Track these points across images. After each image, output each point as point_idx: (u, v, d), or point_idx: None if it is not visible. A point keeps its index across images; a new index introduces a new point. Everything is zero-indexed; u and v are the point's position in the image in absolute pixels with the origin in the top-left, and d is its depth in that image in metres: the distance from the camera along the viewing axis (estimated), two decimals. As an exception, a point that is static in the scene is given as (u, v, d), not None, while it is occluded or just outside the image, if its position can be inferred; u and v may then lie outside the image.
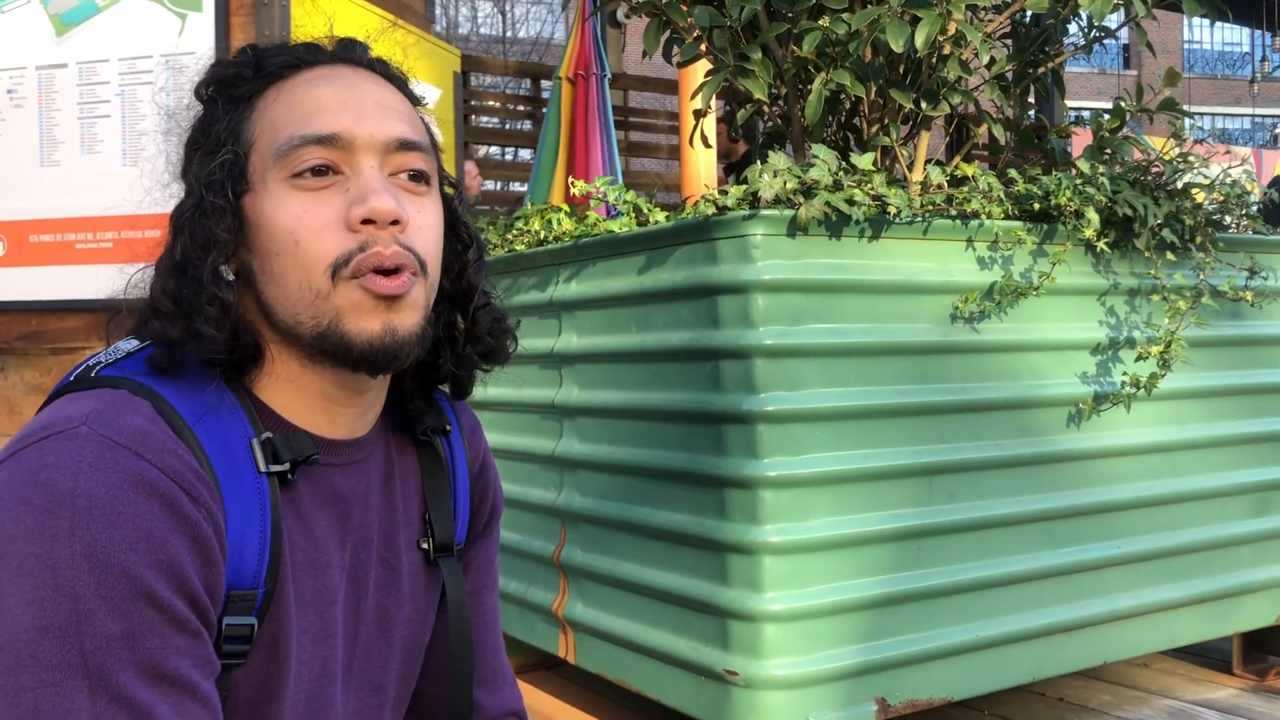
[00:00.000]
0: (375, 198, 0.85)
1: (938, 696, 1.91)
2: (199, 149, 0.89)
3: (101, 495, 0.75)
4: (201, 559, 0.79)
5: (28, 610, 0.73)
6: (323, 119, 0.87)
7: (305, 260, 0.85)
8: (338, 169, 0.87)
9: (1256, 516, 2.33)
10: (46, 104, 3.27)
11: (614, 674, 2.08)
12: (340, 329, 0.85)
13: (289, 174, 0.86)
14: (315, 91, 0.88)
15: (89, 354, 2.80)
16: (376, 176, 0.87)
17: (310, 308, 0.85)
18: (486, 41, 23.92)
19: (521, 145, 6.81)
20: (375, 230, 0.85)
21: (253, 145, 0.88)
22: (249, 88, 0.90)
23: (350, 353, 0.86)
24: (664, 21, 2.34)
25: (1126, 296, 2.15)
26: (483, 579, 1.11)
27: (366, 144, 0.87)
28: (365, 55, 0.94)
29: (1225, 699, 2.30)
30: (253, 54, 0.92)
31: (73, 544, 0.74)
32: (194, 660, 0.78)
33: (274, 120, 0.88)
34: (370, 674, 0.98)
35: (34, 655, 0.73)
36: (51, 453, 0.77)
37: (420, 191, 0.91)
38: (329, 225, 0.85)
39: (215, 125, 0.89)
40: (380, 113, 0.89)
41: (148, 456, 0.78)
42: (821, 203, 1.78)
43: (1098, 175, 2.06)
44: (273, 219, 0.86)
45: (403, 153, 0.89)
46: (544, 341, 2.27)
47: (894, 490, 1.88)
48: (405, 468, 1.01)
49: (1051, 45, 2.47)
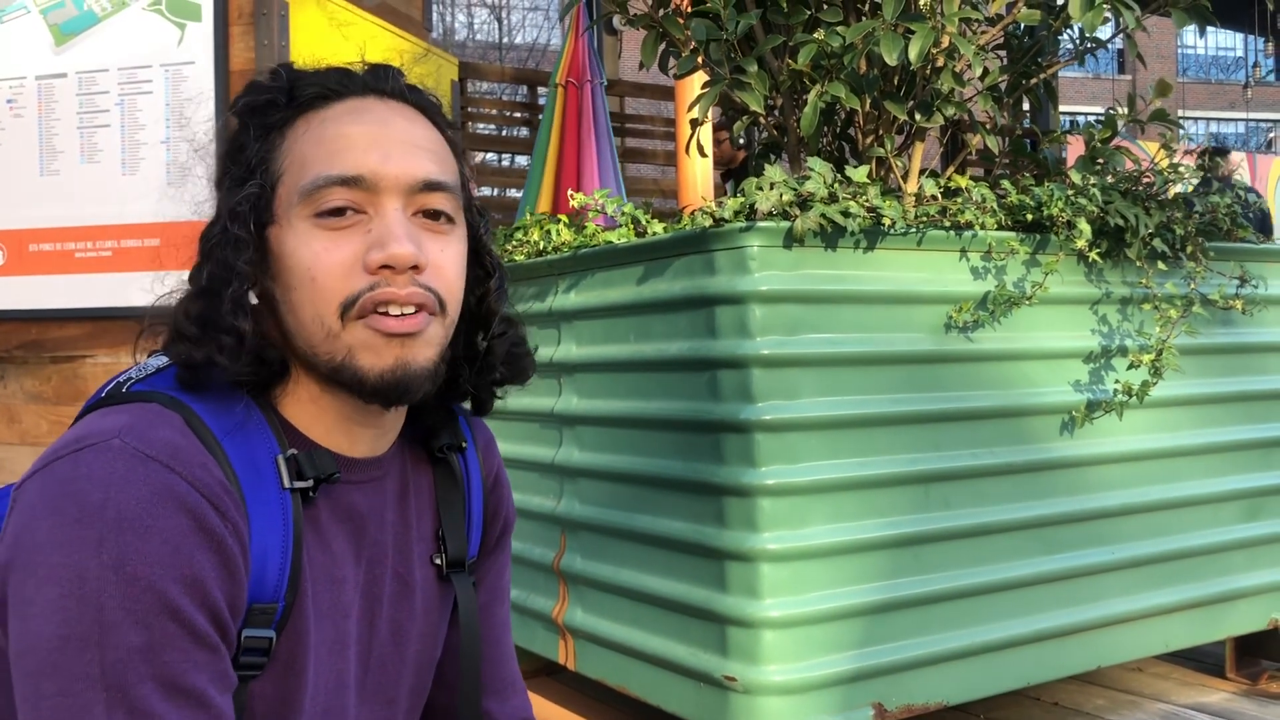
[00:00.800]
0: (395, 244, 0.86)
1: (934, 701, 1.93)
2: (231, 175, 0.90)
3: (131, 508, 0.77)
4: (226, 574, 0.81)
5: (53, 619, 0.75)
6: (349, 158, 0.87)
7: (319, 298, 0.86)
8: (360, 209, 0.88)
9: (1248, 522, 2.35)
10: (46, 114, 3.29)
11: (614, 680, 2.10)
12: (354, 364, 0.87)
13: (312, 212, 0.87)
14: (344, 129, 0.89)
15: (89, 362, 2.85)
16: (399, 220, 0.88)
17: (324, 343, 0.87)
18: (483, 48, 23.95)
19: (518, 152, 6.82)
20: (392, 275, 0.86)
21: (280, 178, 0.89)
22: (280, 116, 0.91)
23: (364, 386, 0.88)
24: (661, 34, 2.36)
25: (1118, 305, 2.17)
26: (494, 591, 1.13)
27: (391, 186, 0.88)
28: (398, 85, 0.95)
29: (1218, 703, 2.32)
30: (286, 78, 0.93)
31: (101, 556, 0.75)
32: (212, 675, 0.79)
33: (303, 155, 0.89)
34: (384, 687, 1.00)
35: (55, 664, 0.74)
36: (85, 464, 0.78)
37: (443, 231, 0.92)
38: (345, 265, 0.86)
39: (245, 151, 0.90)
40: (407, 152, 0.90)
41: (179, 470, 0.80)
42: (817, 215, 1.80)
43: (1089, 186, 2.08)
44: (294, 254, 0.87)
45: (427, 193, 0.90)
46: (543, 351, 2.29)
47: (890, 497, 1.90)
48: (420, 484, 1.03)
49: (1044, 56, 2.50)
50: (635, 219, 2.23)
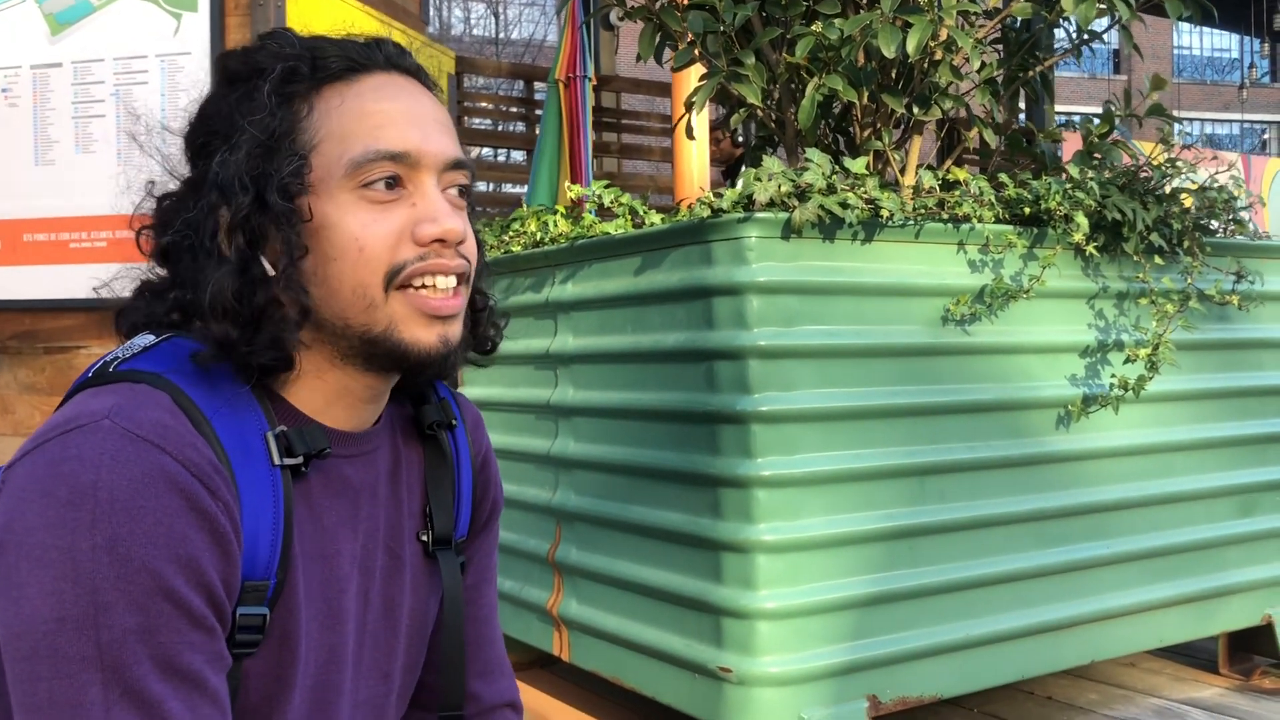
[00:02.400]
0: (447, 218, 0.90)
1: (928, 694, 1.93)
2: (245, 141, 0.87)
3: (123, 489, 0.76)
4: (220, 553, 0.81)
5: (47, 601, 0.74)
6: (394, 134, 0.89)
7: (365, 268, 0.87)
8: (403, 184, 0.90)
9: (1242, 517, 2.36)
10: (41, 103, 3.28)
11: (608, 672, 2.10)
12: (396, 337, 0.89)
13: (359, 184, 0.88)
14: (384, 105, 0.90)
15: (83, 353, 2.83)
16: (440, 196, 0.91)
17: (363, 314, 0.88)
18: (479, 43, 23.92)
19: (514, 147, 6.82)
20: (442, 249, 0.89)
21: (314, 148, 0.88)
22: (304, 85, 0.90)
23: (406, 360, 0.90)
24: (658, 26, 2.36)
25: (1115, 300, 2.17)
26: (483, 572, 1.13)
27: (431, 163, 0.90)
28: (414, 63, 0.97)
29: (1211, 698, 2.33)
30: (302, 46, 0.92)
31: (94, 536, 0.75)
32: (207, 656, 0.79)
33: (342, 128, 0.89)
34: (379, 662, 1.00)
35: (51, 646, 0.74)
36: (74, 446, 0.78)
37: (464, 206, 0.95)
38: (394, 235, 0.88)
39: (263, 118, 0.87)
40: (440, 131, 0.92)
41: (170, 450, 0.79)
42: (815, 206, 1.80)
43: (1087, 180, 2.09)
44: (338, 225, 0.87)
45: (455, 171, 0.93)
46: (540, 342, 2.28)
47: (886, 490, 1.90)
48: (410, 460, 1.03)
49: (1040, 50, 2.50)
50: (633, 210, 2.23)
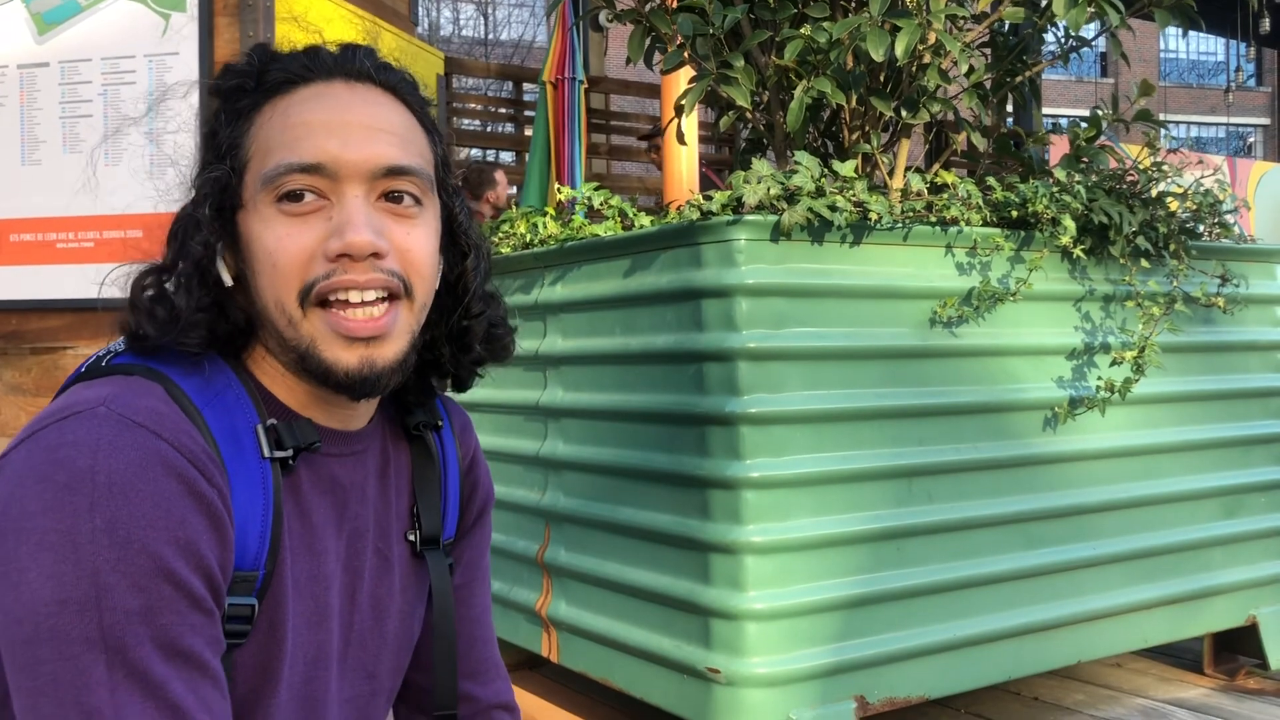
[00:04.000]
0: (352, 231, 0.85)
1: (916, 695, 1.94)
2: (203, 157, 0.91)
3: (121, 472, 0.77)
4: (217, 537, 0.81)
5: (48, 584, 0.74)
6: (308, 145, 0.87)
7: (280, 283, 0.87)
8: (323, 194, 0.87)
9: (1227, 519, 2.37)
10: (28, 103, 3.26)
11: (597, 673, 2.10)
12: (318, 356, 0.87)
13: (274, 198, 0.87)
14: (306, 115, 0.89)
15: (69, 354, 2.84)
16: (359, 207, 0.87)
17: (287, 329, 0.88)
18: (469, 44, 23.89)
19: (503, 148, 6.81)
20: (350, 263, 0.86)
21: (247, 163, 0.89)
22: (249, 101, 0.91)
23: (330, 379, 0.88)
24: (647, 29, 2.37)
25: (1101, 302, 2.19)
26: (473, 572, 1.14)
27: (352, 172, 0.87)
28: (366, 65, 0.93)
29: (1196, 698, 2.34)
30: (257, 62, 0.93)
31: (93, 519, 0.75)
32: (206, 639, 0.79)
33: (266, 141, 0.89)
34: (364, 662, 1.00)
35: (53, 629, 0.74)
36: (70, 431, 0.78)
37: (409, 214, 0.91)
38: (307, 251, 0.86)
39: (218, 136, 0.90)
40: (368, 137, 0.89)
41: (165, 435, 0.80)
42: (804, 208, 1.81)
43: (1074, 184, 2.10)
44: (258, 240, 0.87)
45: (390, 178, 0.89)
46: (529, 344, 2.29)
47: (874, 491, 1.91)
48: (399, 461, 1.04)
49: (1029, 55, 2.51)
50: (622, 212, 2.23)
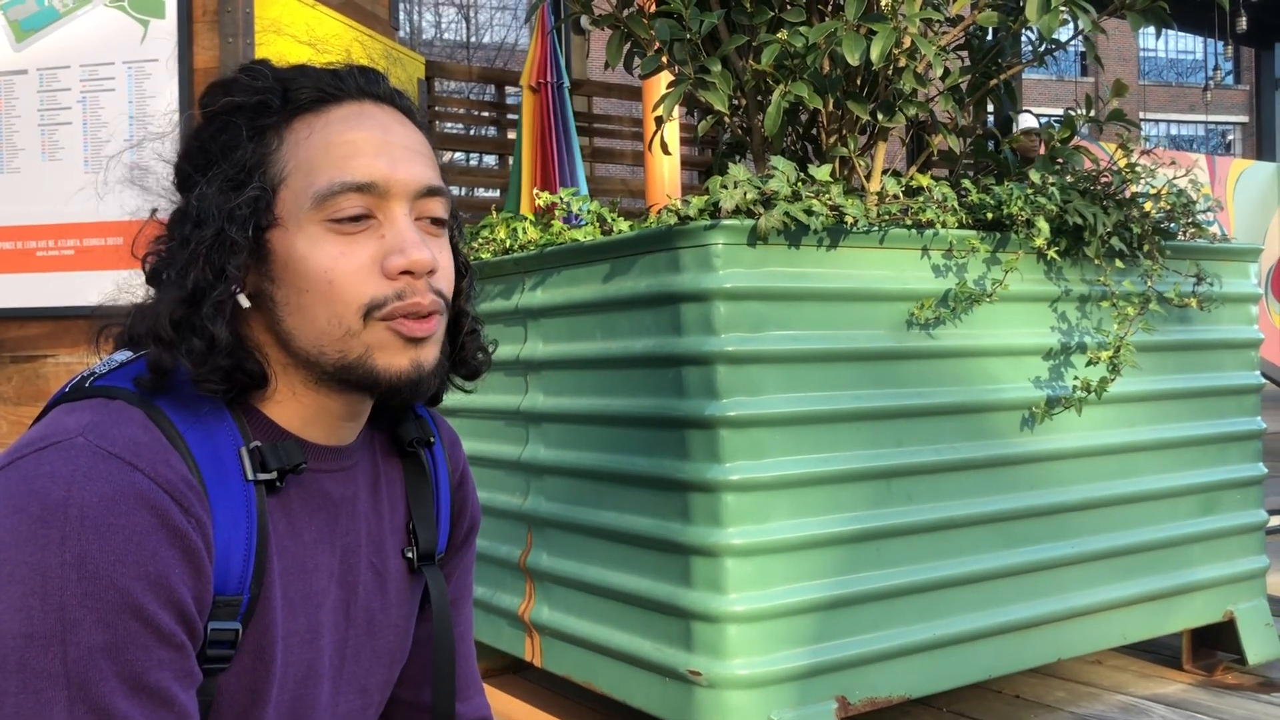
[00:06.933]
0: (415, 249, 0.89)
1: (897, 694, 1.95)
2: (219, 174, 0.89)
3: (93, 506, 0.77)
4: (191, 570, 0.81)
5: (15, 617, 0.75)
6: (360, 165, 0.89)
7: (339, 300, 0.87)
8: (372, 214, 0.89)
9: (1204, 516, 2.40)
10: (6, 110, 3.25)
11: (580, 677, 2.11)
12: (369, 363, 0.89)
13: (326, 217, 0.88)
14: (351, 135, 0.90)
15: (49, 362, 2.83)
16: (410, 225, 0.90)
17: (338, 343, 0.88)
18: (450, 47, 23.86)
19: (485, 151, 6.82)
20: (412, 280, 0.89)
21: (283, 181, 0.89)
22: (276, 118, 0.91)
23: (378, 385, 0.90)
24: (626, 33, 2.37)
25: (1077, 303, 2.21)
26: (460, 590, 1.14)
27: (400, 192, 0.90)
28: (388, 89, 0.96)
29: (1175, 694, 2.36)
30: (274, 78, 0.92)
31: (63, 553, 0.75)
32: (175, 673, 0.79)
33: (309, 160, 0.89)
34: (359, 677, 1.00)
35: (19, 662, 0.74)
36: (48, 462, 0.79)
37: (440, 234, 0.94)
38: (364, 269, 0.88)
39: (237, 152, 0.89)
40: (410, 158, 0.92)
41: (142, 467, 0.80)
42: (781, 213, 1.82)
43: (1048, 185, 2.12)
44: (306, 259, 0.88)
45: (428, 199, 0.92)
46: (509, 348, 2.29)
47: (852, 492, 1.92)
48: (390, 476, 1.04)
49: (1004, 57, 2.53)
50: (601, 217, 2.24)
